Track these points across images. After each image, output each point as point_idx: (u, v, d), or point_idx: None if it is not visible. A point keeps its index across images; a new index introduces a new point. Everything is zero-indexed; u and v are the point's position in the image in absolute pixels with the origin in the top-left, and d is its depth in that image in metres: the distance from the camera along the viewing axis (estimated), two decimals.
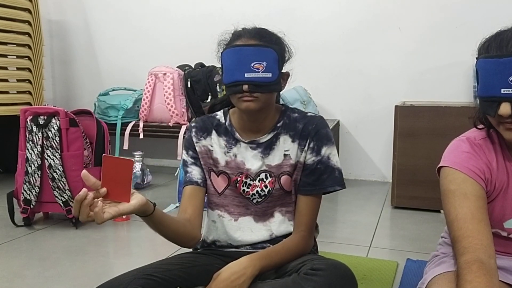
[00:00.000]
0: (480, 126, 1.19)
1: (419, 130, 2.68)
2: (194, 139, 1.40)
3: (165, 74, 3.52)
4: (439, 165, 1.19)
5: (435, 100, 3.12)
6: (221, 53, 1.29)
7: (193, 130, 1.41)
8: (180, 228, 1.25)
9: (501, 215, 1.16)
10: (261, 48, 1.24)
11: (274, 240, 1.36)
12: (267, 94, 1.26)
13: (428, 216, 2.62)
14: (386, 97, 3.38)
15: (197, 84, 3.45)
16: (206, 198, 1.41)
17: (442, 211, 2.60)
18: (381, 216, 2.65)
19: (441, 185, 1.17)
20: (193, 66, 3.59)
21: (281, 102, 3.45)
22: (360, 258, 2.01)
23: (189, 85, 3.51)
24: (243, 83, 1.23)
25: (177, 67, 3.61)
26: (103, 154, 1.03)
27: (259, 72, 1.23)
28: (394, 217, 2.65)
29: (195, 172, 1.38)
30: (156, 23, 3.94)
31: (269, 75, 1.24)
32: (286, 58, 1.33)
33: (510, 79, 1.01)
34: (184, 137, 2.69)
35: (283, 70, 1.32)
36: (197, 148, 1.40)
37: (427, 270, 1.33)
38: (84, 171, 1.02)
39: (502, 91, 1.02)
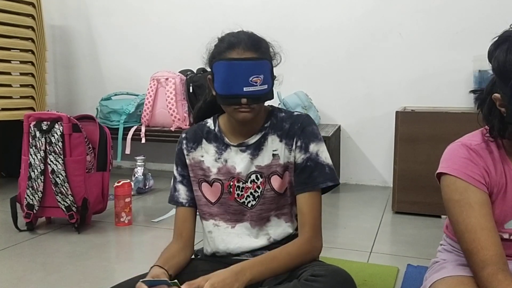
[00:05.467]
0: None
1: (420, 136, 2.69)
2: (185, 152, 1.41)
3: (167, 79, 3.54)
4: (438, 170, 1.21)
5: (436, 106, 3.13)
6: (213, 62, 1.27)
7: (184, 142, 1.42)
8: (184, 265, 1.35)
9: (502, 217, 1.18)
10: (258, 61, 1.24)
11: (273, 245, 1.36)
12: (262, 103, 1.30)
13: (429, 221, 2.62)
14: (387, 103, 3.39)
15: (199, 89, 3.47)
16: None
17: (443, 216, 2.62)
18: (382, 221, 2.65)
19: (444, 193, 1.19)
20: (195, 71, 3.61)
21: (283, 107, 3.47)
22: (361, 263, 2.01)
23: (191, 90, 3.54)
24: (242, 97, 1.24)
25: (179, 72, 3.64)
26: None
27: (257, 85, 1.24)
28: (395, 222, 2.66)
29: (181, 192, 1.42)
30: (159, 28, 3.96)
31: (266, 87, 1.26)
32: (276, 64, 1.34)
33: None
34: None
35: None
36: (187, 160, 1.41)
37: (427, 276, 1.34)
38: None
39: None
